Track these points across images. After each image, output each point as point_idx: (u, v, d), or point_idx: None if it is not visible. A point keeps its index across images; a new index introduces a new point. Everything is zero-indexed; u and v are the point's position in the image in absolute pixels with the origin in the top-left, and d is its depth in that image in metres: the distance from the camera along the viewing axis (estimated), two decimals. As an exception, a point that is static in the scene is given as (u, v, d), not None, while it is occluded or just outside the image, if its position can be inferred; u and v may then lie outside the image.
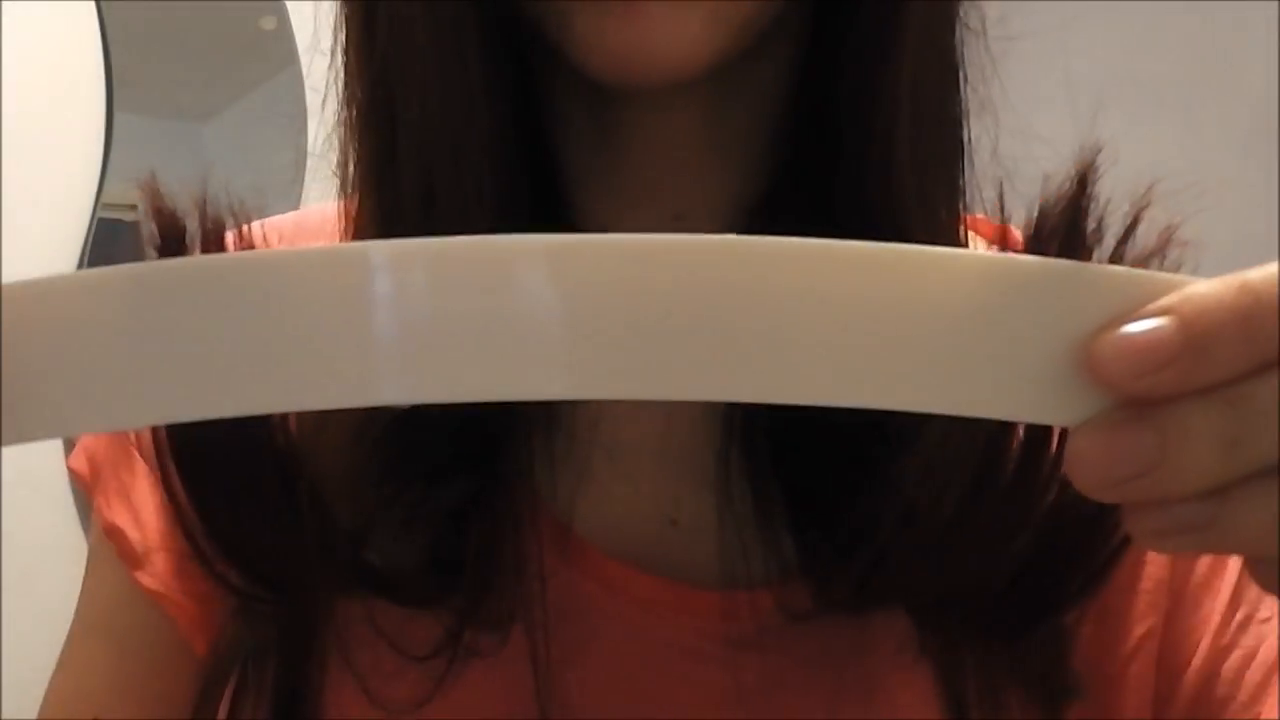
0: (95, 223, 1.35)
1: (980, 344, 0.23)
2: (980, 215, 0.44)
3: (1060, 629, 0.40)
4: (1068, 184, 0.27)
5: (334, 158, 0.41)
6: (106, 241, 1.34)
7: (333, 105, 0.40)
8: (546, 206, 0.41)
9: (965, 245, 0.40)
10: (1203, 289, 0.22)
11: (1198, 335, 0.22)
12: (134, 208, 0.51)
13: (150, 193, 0.35)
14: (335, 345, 0.23)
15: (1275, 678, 0.40)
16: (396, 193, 0.38)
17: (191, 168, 0.54)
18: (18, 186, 1.27)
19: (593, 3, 0.36)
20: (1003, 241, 0.49)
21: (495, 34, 0.38)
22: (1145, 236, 0.27)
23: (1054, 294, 0.23)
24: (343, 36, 0.40)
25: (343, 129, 0.40)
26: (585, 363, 0.23)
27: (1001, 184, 0.40)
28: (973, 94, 0.40)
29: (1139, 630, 0.42)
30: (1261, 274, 0.22)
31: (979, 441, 0.35)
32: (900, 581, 0.37)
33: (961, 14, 0.39)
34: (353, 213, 0.40)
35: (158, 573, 0.44)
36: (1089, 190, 0.27)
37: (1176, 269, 0.25)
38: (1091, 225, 0.27)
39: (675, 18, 0.36)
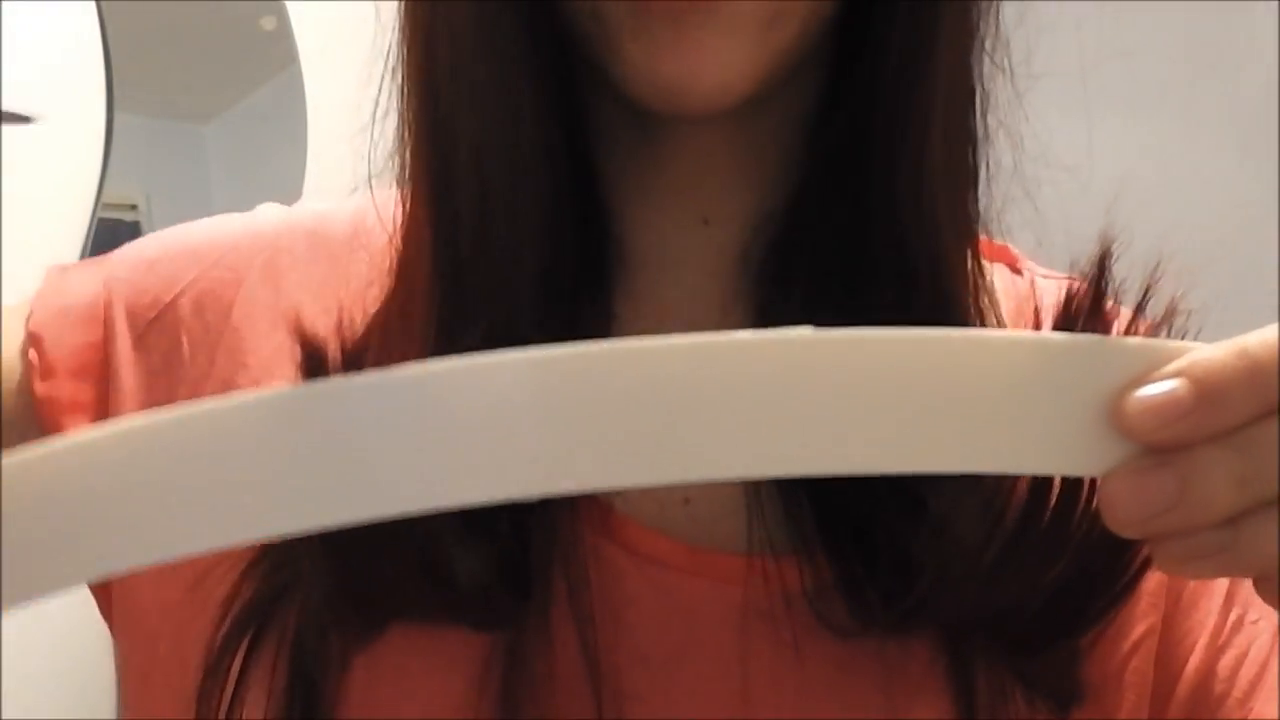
0: (95, 223, 1.35)
1: (1022, 411, 0.28)
2: (982, 237, 0.45)
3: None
4: (1091, 268, 0.33)
5: (392, 170, 0.44)
6: (106, 241, 1.34)
7: (385, 119, 0.43)
8: (583, 208, 0.43)
9: (981, 263, 0.44)
10: (1208, 353, 0.27)
11: (1207, 392, 0.26)
12: (134, 207, 0.51)
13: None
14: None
15: (1266, 677, 0.43)
16: (454, 205, 0.40)
17: (191, 167, 0.54)
18: (18, 186, 1.27)
19: (644, 34, 0.38)
20: (1008, 260, 0.50)
21: (545, 57, 0.40)
22: (1155, 307, 0.34)
23: (1082, 365, 0.28)
24: (402, 56, 0.42)
25: (402, 145, 0.42)
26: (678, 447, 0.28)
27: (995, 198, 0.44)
28: (992, 118, 0.43)
29: (1140, 629, 0.44)
30: (1257, 339, 0.27)
31: (1024, 483, 0.38)
32: (942, 610, 0.39)
33: (986, 41, 0.42)
34: (406, 217, 0.43)
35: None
36: (1107, 273, 0.33)
37: (1183, 336, 0.31)
38: (1110, 302, 0.32)
39: (724, 48, 0.38)
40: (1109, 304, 0.32)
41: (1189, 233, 2.38)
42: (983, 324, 0.43)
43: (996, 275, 0.50)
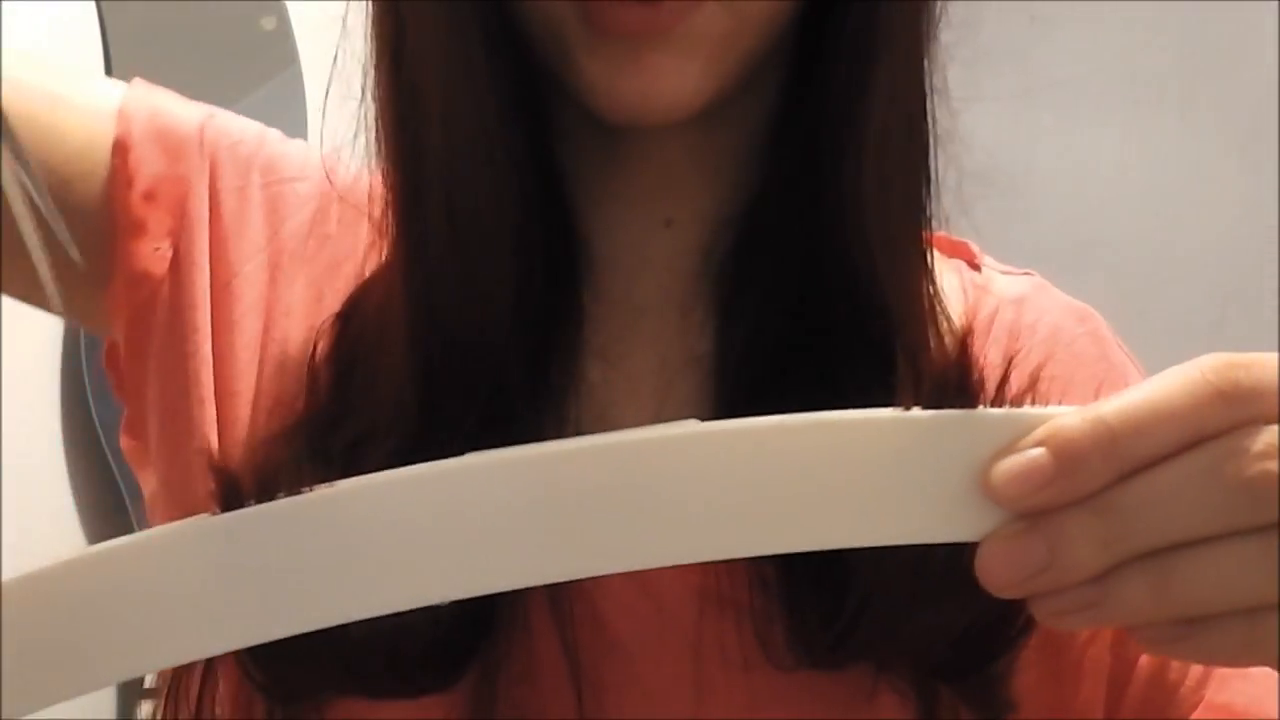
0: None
1: (899, 485, 0.30)
2: (940, 233, 0.46)
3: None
4: (956, 349, 0.35)
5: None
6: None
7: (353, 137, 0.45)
8: (550, 210, 0.44)
9: (930, 261, 0.45)
10: (1067, 423, 0.28)
11: (1066, 460, 0.28)
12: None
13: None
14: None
15: (1202, 664, 0.44)
16: (424, 211, 0.42)
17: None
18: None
19: (600, 54, 0.40)
20: (966, 256, 0.52)
21: (509, 65, 0.42)
22: (1019, 375, 0.35)
23: (951, 437, 0.30)
24: (373, 73, 0.43)
25: (379, 159, 0.44)
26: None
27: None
28: (938, 123, 0.44)
29: None
30: (1112, 407, 0.28)
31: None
32: (870, 641, 0.41)
33: (930, 51, 0.44)
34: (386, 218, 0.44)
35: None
36: (970, 351, 0.35)
37: (1045, 403, 0.31)
38: (975, 375, 0.34)
39: (678, 69, 0.40)
40: (975, 377, 0.34)
41: (1189, 233, 2.37)
42: (934, 324, 0.45)
43: (955, 274, 0.51)
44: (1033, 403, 0.31)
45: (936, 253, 0.49)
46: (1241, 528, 0.28)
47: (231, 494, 0.30)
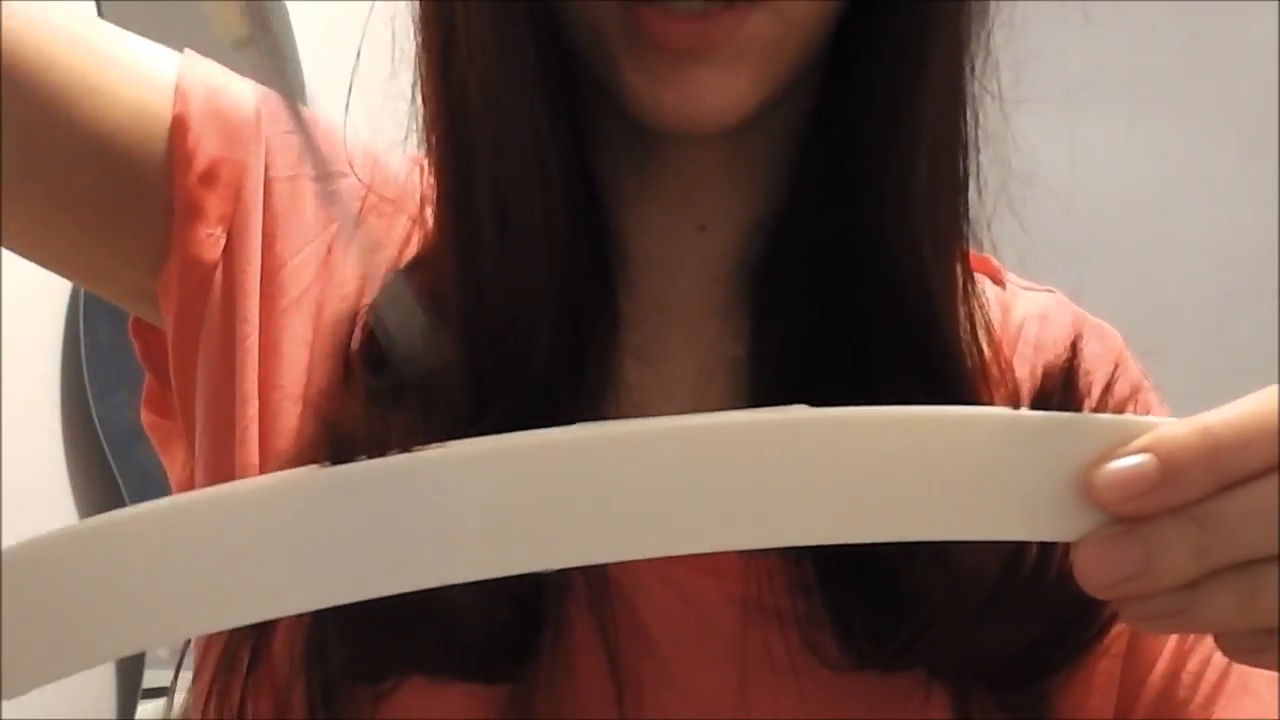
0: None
1: (1002, 483, 0.30)
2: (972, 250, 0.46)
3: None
4: (1066, 352, 0.35)
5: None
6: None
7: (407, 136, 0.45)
8: (588, 215, 0.45)
9: (970, 272, 0.45)
10: (1172, 430, 0.29)
11: (1170, 468, 0.29)
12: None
13: None
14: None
15: (1229, 681, 0.45)
16: (474, 215, 0.42)
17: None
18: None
19: (644, 66, 0.40)
20: (990, 272, 0.52)
21: (555, 71, 0.42)
22: (1122, 385, 0.37)
23: (1057, 439, 0.30)
24: (421, 80, 0.44)
25: (428, 159, 0.44)
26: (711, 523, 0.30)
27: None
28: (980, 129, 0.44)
29: (1109, 633, 0.45)
30: (1218, 418, 0.29)
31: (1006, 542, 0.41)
32: (927, 652, 0.41)
33: (976, 53, 0.44)
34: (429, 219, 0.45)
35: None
36: (1079, 355, 0.35)
37: (1147, 411, 0.33)
38: (1083, 380, 0.35)
39: (723, 82, 0.40)
40: (1081, 381, 0.35)
41: (1189, 233, 2.37)
42: (972, 328, 0.45)
43: (980, 285, 0.51)
44: (1134, 411, 0.32)
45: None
46: None
47: (341, 449, 0.30)
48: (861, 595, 0.41)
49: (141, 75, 0.47)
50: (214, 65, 0.50)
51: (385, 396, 0.42)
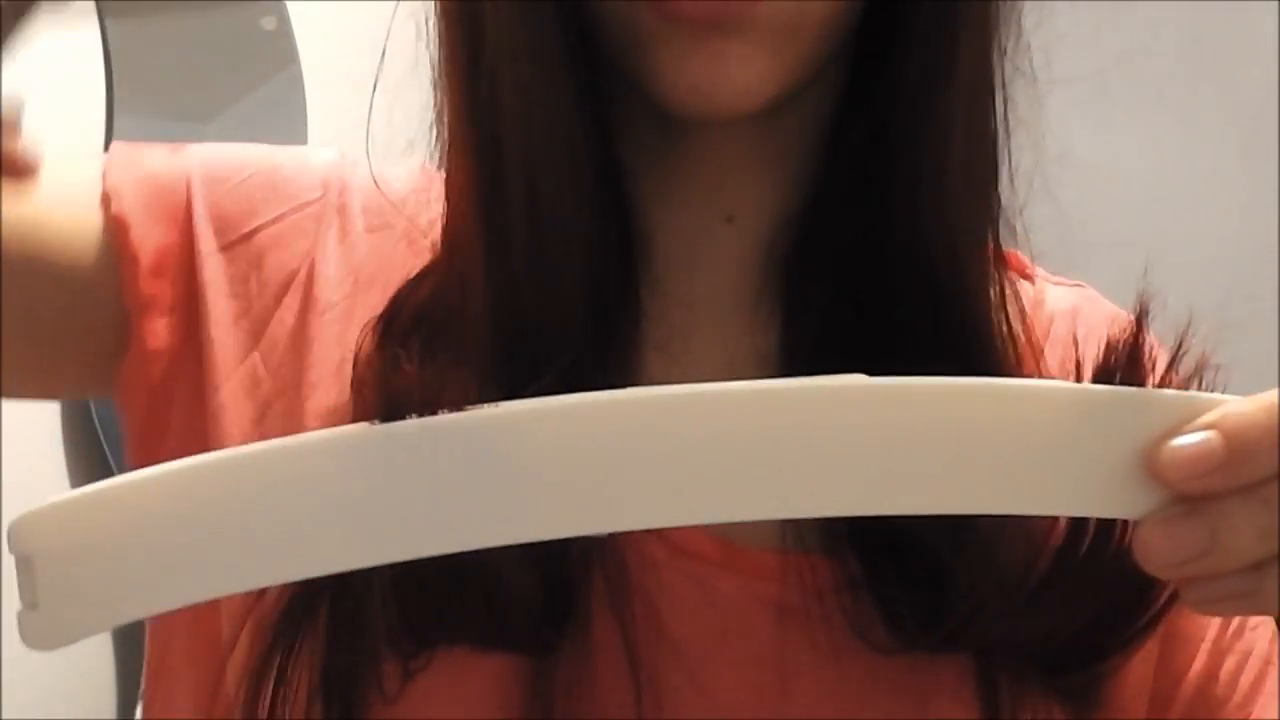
0: (95, 223, 1.34)
1: (1065, 457, 0.30)
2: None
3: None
4: (1130, 325, 0.34)
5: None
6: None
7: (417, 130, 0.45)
8: (614, 207, 0.44)
9: (1002, 263, 0.45)
10: (1240, 408, 0.28)
11: (1238, 447, 0.28)
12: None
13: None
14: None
15: (1266, 681, 0.44)
16: (504, 210, 0.42)
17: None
18: (18, 186, 1.27)
19: (672, 42, 0.40)
20: (1017, 267, 0.51)
21: (581, 61, 0.42)
22: (1188, 361, 0.35)
23: (1121, 414, 0.29)
24: (445, 73, 0.43)
25: (450, 153, 0.44)
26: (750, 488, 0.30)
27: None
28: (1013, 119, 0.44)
29: None
30: None
31: (1061, 519, 0.40)
32: (978, 635, 0.40)
33: (1006, 43, 0.43)
34: (452, 214, 0.44)
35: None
36: (1146, 328, 0.34)
37: (1213, 389, 0.31)
38: (1147, 354, 0.33)
39: (746, 57, 0.40)
40: (1147, 354, 0.33)
41: (1189, 233, 2.37)
42: (1006, 320, 0.44)
43: (1009, 280, 0.50)
44: (1200, 388, 0.31)
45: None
46: None
47: (394, 408, 0.30)
48: (909, 585, 0.41)
49: (68, 191, 0.47)
50: (140, 151, 0.49)
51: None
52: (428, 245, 0.46)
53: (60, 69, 1.32)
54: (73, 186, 0.47)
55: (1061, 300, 0.51)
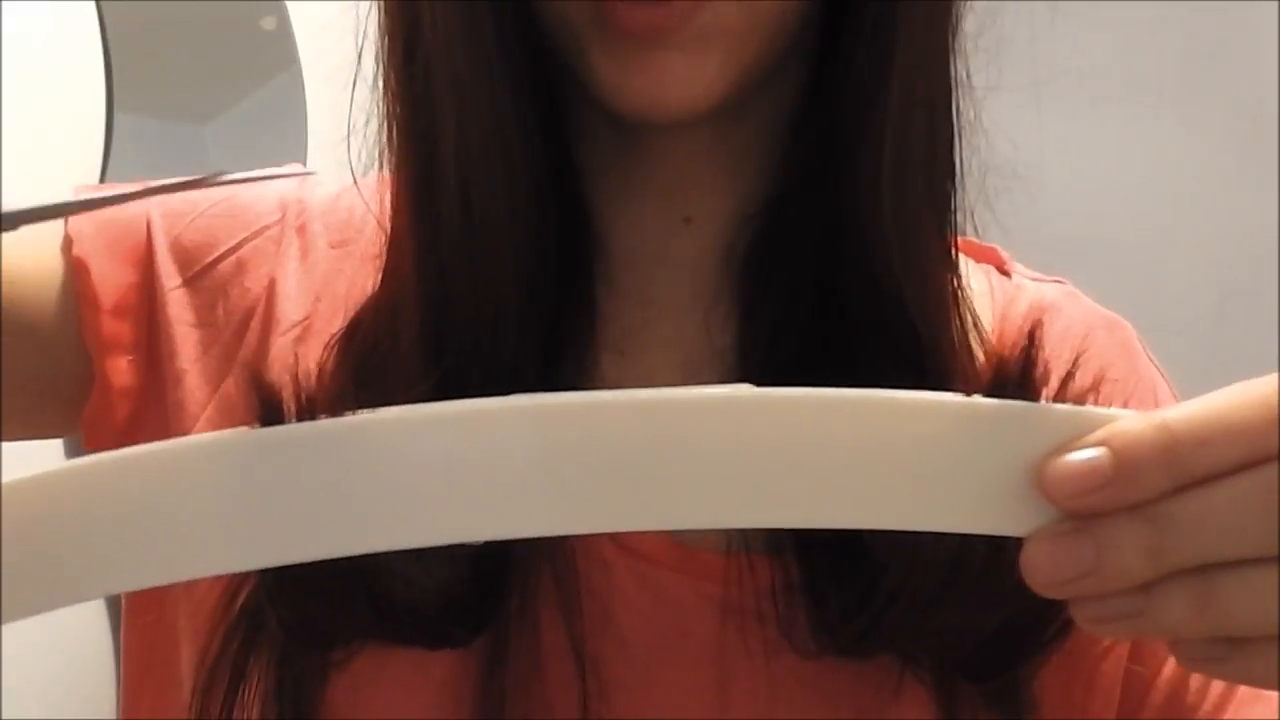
0: (95, 223, 1.34)
1: (951, 472, 0.29)
2: (970, 238, 0.46)
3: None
4: (1022, 337, 0.33)
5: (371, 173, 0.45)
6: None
7: (369, 125, 0.44)
8: (565, 207, 0.44)
9: (957, 264, 0.44)
10: (1131, 425, 0.28)
11: (1127, 464, 0.27)
12: (134, 207, 0.51)
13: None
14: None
15: (1239, 685, 0.43)
16: (436, 209, 0.42)
17: (191, 167, 0.54)
18: (17, 186, 1.27)
19: (612, 51, 0.40)
20: (995, 262, 0.50)
21: (525, 60, 0.41)
22: (1082, 378, 0.34)
23: (1011, 429, 0.29)
24: (384, 67, 0.43)
25: (386, 149, 0.44)
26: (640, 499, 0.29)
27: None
28: (961, 118, 0.44)
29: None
30: (1179, 416, 0.27)
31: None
32: (894, 633, 0.40)
33: (952, 43, 0.43)
34: (394, 215, 0.44)
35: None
36: (1037, 342, 0.32)
37: (1108, 404, 0.30)
38: (1040, 368, 0.32)
39: (692, 65, 0.40)
40: (1039, 370, 0.32)
41: (1189, 233, 2.37)
42: (960, 322, 0.44)
43: (984, 277, 0.50)
44: (1095, 403, 0.30)
45: (964, 256, 0.48)
46: None
47: (271, 412, 0.30)
48: (838, 578, 0.41)
49: (33, 238, 0.47)
50: (101, 193, 0.49)
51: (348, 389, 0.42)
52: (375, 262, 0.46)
53: (60, 68, 1.32)
54: (37, 233, 0.47)
55: (1039, 295, 0.51)
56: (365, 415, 0.28)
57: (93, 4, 1.32)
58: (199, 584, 0.43)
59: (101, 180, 1.35)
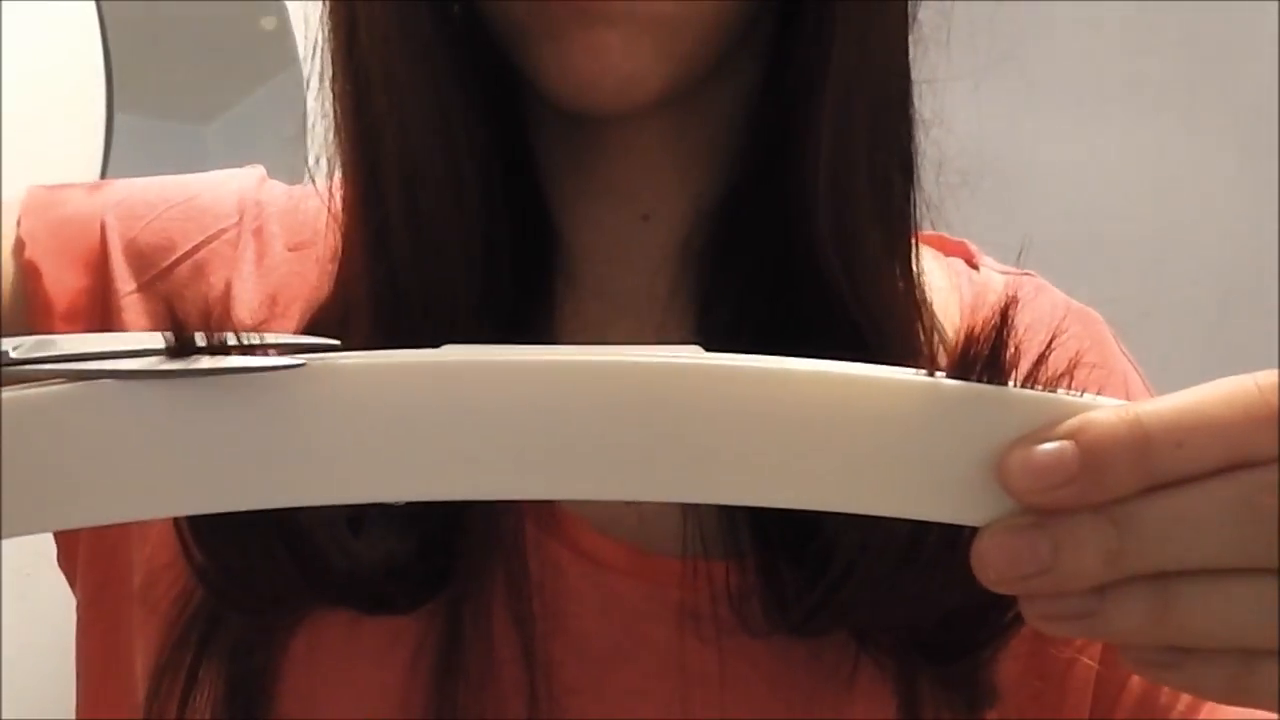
0: (95, 223, 1.34)
1: (907, 455, 0.27)
2: (944, 233, 0.46)
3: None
4: (993, 316, 0.29)
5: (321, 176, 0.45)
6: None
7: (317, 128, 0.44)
8: (523, 205, 0.44)
9: (910, 261, 0.44)
10: (1100, 419, 0.26)
11: (1093, 461, 0.26)
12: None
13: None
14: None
15: (1188, 694, 0.43)
16: (384, 207, 0.41)
17: (191, 167, 0.54)
18: (18, 186, 1.27)
19: (552, 34, 0.40)
20: (964, 255, 0.50)
21: (470, 56, 0.41)
22: (1057, 360, 0.30)
23: (975, 413, 0.27)
24: (328, 67, 0.42)
25: (336, 149, 0.43)
26: (566, 467, 0.27)
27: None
28: (918, 113, 0.43)
29: None
30: (1154, 412, 0.26)
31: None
32: (846, 610, 0.40)
33: (895, 39, 0.42)
34: (345, 217, 0.43)
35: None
36: (1010, 322, 0.29)
37: (1082, 390, 0.28)
38: (1011, 350, 0.30)
39: (627, 47, 0.40)
40: (1010, 352, 0.30)
41: (1189, 233, 2.37)
42: (918, 315, 0.43)
43: (951, 271, 0.50)
44: (1069, 388, 0.28)
45: (931, 250, 0.49)
46: (1261, 566, 0.26)
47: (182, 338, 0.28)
48: (791, 554, 0.40)
49: None
50: (57, 194, 0.49)
51: None
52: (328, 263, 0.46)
53: (61, 69, 1.32)
54: None
55: (1009, 288, 0.50)
56: (289, 361, 0.27)
57: (93, 4, 1.32)
58: (155, 588, 0.43)
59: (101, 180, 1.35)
